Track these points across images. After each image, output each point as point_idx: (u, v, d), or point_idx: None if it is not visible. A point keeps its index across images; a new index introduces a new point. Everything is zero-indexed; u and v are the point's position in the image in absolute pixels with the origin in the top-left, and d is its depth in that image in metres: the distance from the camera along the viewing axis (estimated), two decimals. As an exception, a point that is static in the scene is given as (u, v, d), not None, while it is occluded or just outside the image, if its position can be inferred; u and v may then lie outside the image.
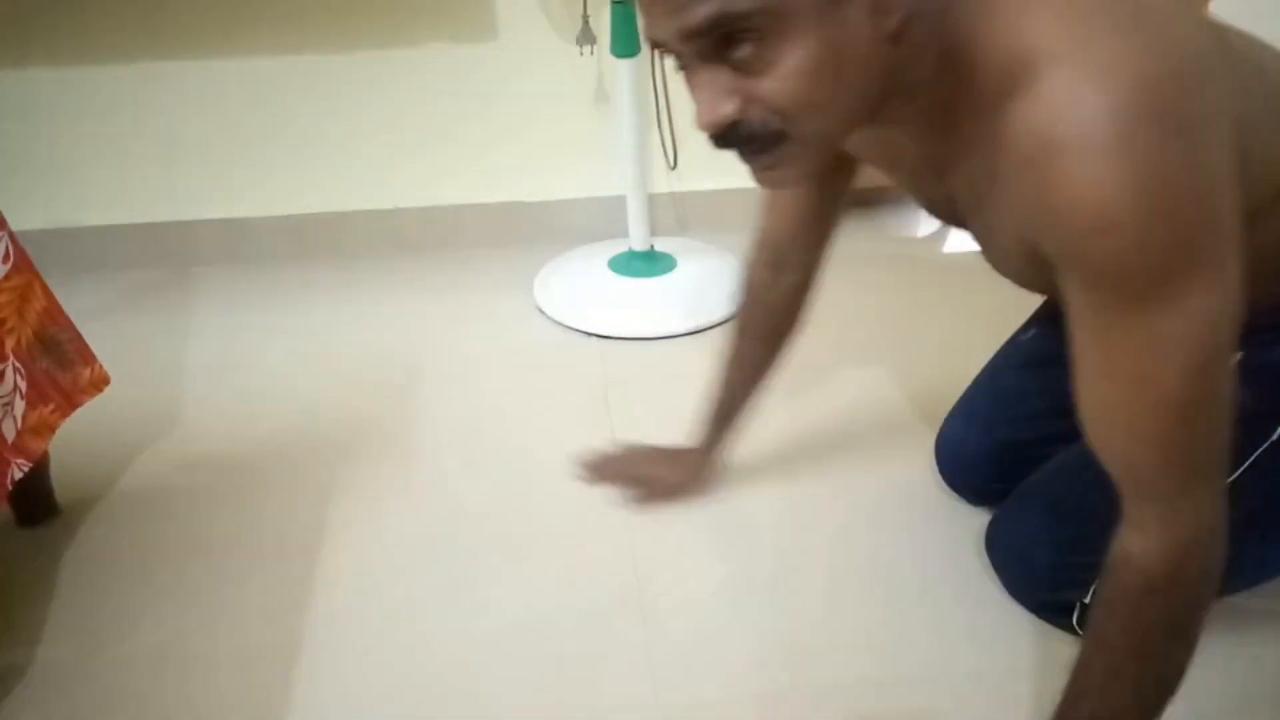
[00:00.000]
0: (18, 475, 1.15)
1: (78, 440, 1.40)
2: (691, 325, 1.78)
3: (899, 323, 1.78)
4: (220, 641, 1.16)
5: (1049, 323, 1.22)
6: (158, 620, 1.20)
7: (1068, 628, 1.09)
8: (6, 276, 1.16)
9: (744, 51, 0.67)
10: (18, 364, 1.16)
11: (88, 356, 1.31)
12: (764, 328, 1.22)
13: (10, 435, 1.14)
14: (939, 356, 1.65)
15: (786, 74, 0.67)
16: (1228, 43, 0.76)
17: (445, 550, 1.29)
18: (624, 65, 1.71)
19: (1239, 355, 0.72)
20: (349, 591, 1.23)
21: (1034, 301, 1.21)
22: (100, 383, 1.33)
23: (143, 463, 1.48)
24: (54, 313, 1.25)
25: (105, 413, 1.49)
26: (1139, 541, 0.76)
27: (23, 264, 1.19)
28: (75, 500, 1.40)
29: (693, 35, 0.67)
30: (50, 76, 1.88)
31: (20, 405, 1.16)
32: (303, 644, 1.15)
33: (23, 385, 1.16)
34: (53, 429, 1.25)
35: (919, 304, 1.84)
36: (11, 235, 1.17)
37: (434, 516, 1.35)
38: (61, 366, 1.26)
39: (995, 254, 0.86)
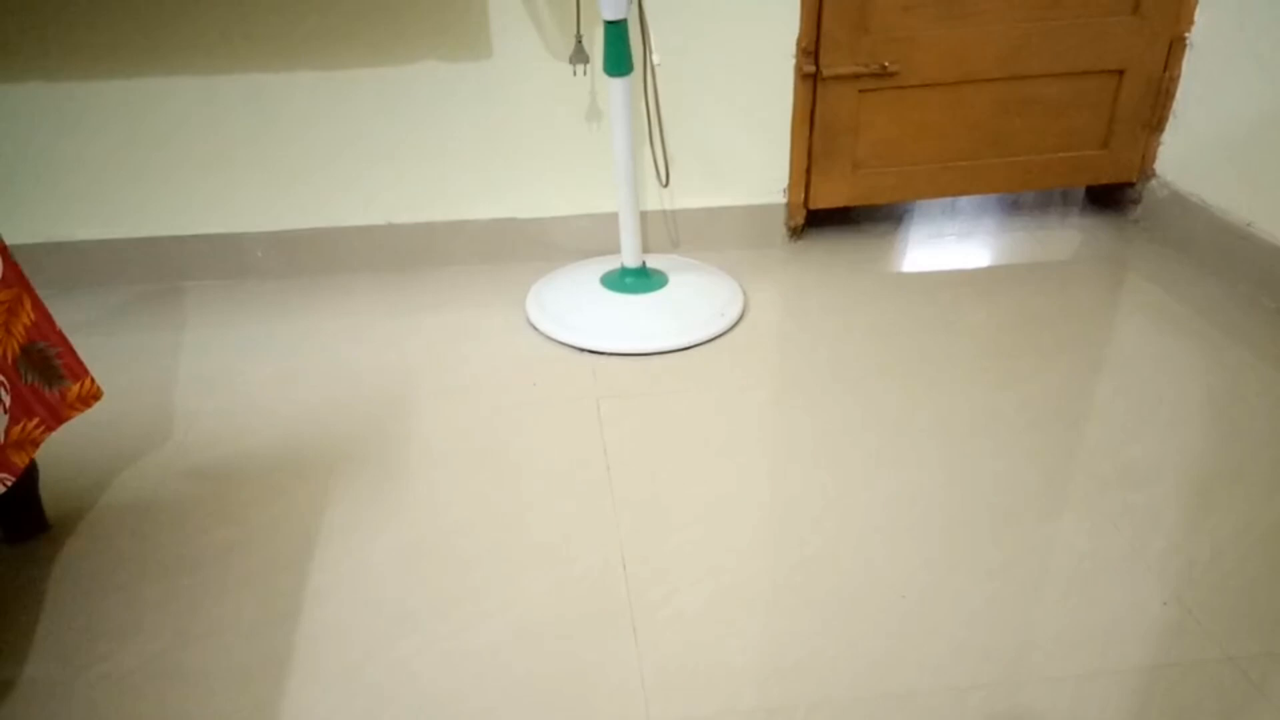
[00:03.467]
0: (0, 490, 1.15)
1: (67, 455, 1.40)
2: (683, 341, 1.78)
3: (884, 341, 1.79)
4: (210, 656, 1.15)
5: None
6: (147, 635, 1.19)
7: None
8: (-7, 290, 1.15)
9: None
10: (2, 378, 1.16)
11: (78, 371, 1.31)
12: None
13: (-6, 449, 1.14)
14: (934, 370, 1.66)
15: None
16: None
17: (436, 564, 1.28)
18: (616, 84, 1.72)
19: None
20: (339, 606, 1.22)
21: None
22: (89, 398, 1.32)
23: (132, 477, 1.47)
24: (43, 327, 1.24)
25: (95, 427, 1.49)
26: None
27: (11, 278, 1.19)
28: (64, 514, 1.39)
29: None
30: (45, 91, 1.89)
31: (3, 420, 1.15)
32: (293, 659, 1.14)
33: (6, 399, 1.15)
34: (36, 444, 1.24)
35: (890, 319, 1.84)
36: (0, 250, 1.17)
37: (425, 531, 1.34)
38: (49, 381, 1.26)
39: None
